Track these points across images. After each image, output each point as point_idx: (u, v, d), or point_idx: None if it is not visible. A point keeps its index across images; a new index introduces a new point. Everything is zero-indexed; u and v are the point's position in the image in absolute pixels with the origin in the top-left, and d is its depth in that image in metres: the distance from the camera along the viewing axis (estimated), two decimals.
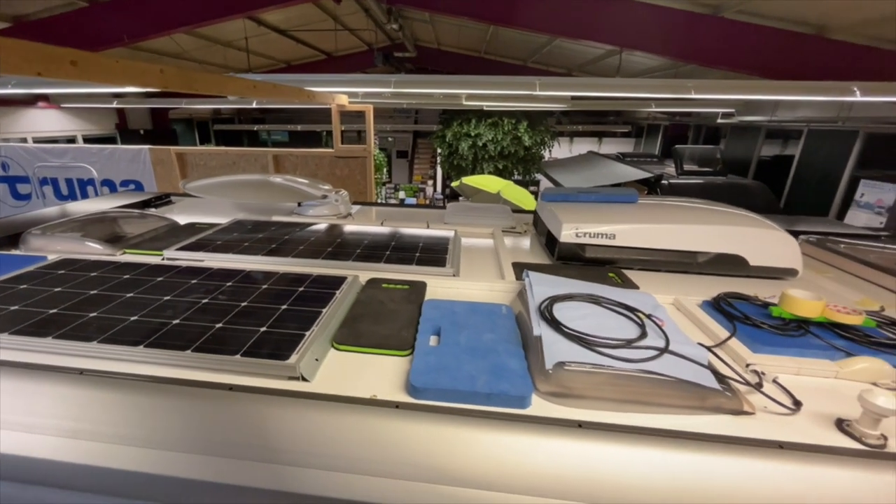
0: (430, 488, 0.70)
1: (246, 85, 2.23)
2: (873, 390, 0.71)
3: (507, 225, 2.11)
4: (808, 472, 0.67)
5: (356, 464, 0.72)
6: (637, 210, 1.64)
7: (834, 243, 1.81)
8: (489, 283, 1.35)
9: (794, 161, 8.05)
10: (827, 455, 0.69)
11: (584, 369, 0.81)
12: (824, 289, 1.41)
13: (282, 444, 0.75)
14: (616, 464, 0.69)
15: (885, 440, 0.72)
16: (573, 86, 4.25)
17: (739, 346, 0.98)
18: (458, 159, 10.50)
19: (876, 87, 3.57)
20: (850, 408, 0.78)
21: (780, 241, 1.44)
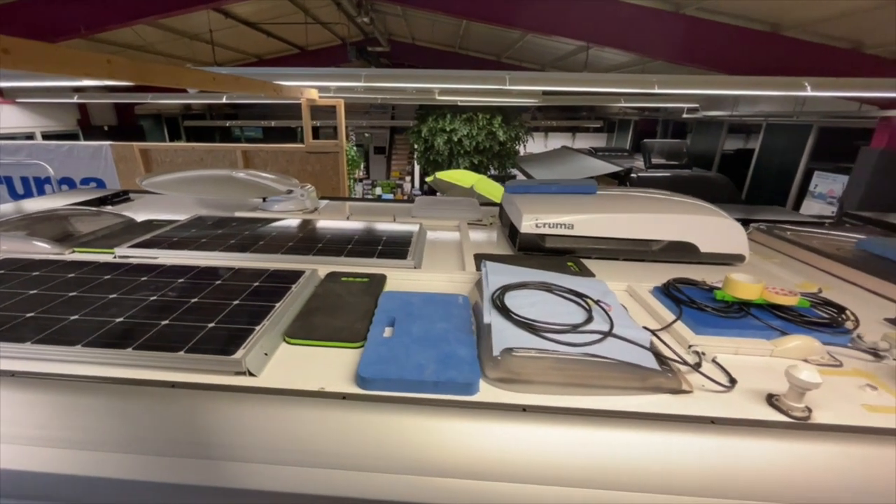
0: (376, 477, 0.69)
1: (204, 77, 2.15)
2: (798, 365, 0.74)
3: (474, 218, 2.11)
4: (738, 445, 0.70)
5: (302, 456, 0.71)
6: (595, 201, 1.66)
7: (781, 231, 1.88)
8: (449, 275, 1.34)
9: (755, 154, 8.35)
10: (755, 428, 0.71)
11: (530, 355, 0.82)
12: (769, 273, 1.47)
13: (226, 439, 0.73)
14: (559, 445, 0.70)
15: (809, 412, 0.75)
16: (542, 80, 4.28)
17: (684, 328, 1.01)
18: (434, 154, 10.47)
19: (825, 83, 3.72)
20: (782, 383, 0.81)
21: (729, 228, 1.48)
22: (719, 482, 0.67)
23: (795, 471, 0.68)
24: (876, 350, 0.94)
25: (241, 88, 2.53)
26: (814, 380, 0.72)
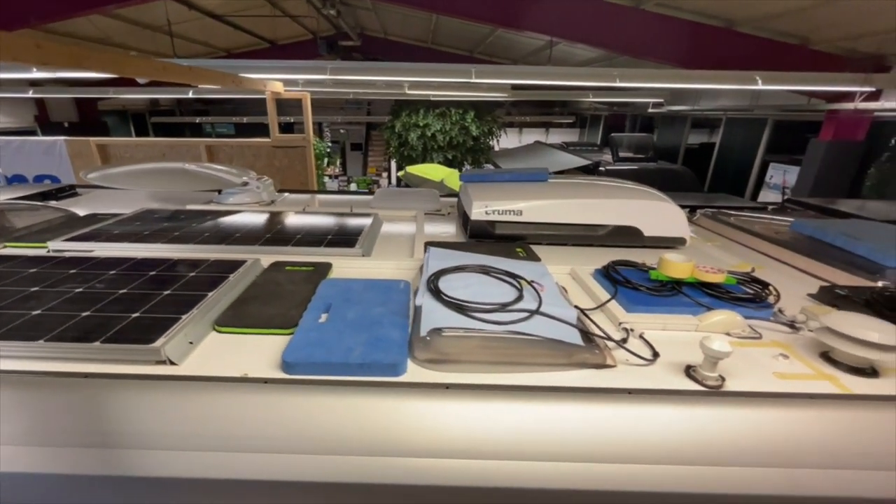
0: (297, 459, 0.68)
1: (153, 67, 2.06)
2: (711, 336, 0.76)
3: (433, 208, 2.10)
4: (652, 414, 0.71)
5: (223, 442, 0.69)
6: (545, 188, 1.67)
7: (725, 216, 1.94)
8: (397, 262, 1.33)
9: (716, 148, 8.61)
10: (669, 396, 0.73)
11: (457, 334, 0.82)
12: (707, 255, 1.51)
13: (142, 429, 0.70)
14: (479, 420, 0.70)
15: (722, 381, 0.77)
16: (506, 73, 4.29)
17: (617, 307, 1.02)
18: (409, 150, 10.38)
19: (775, 77, 3.86)
20: (701, 355, 0.83)
21: (670, 212, 1.52)
22: (633, 449, 0.68)
23: (706, 435, 0.69)
24: (793, 322, 0.98)
25: (197, 79, 2.44)
26: (724, 349, 0.74)
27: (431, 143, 10.14)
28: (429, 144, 10.18)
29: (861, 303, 1.06)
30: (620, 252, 1.50)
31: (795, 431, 0.69)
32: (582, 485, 0.64)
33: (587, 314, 0.98)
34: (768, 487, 0.64)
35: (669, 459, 0.67)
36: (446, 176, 5.45)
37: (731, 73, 3.95)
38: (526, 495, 0.64)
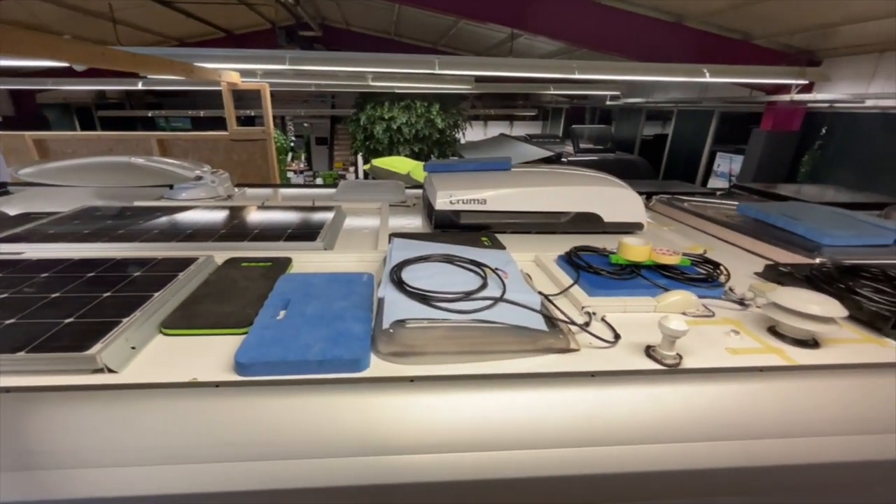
0: (254, 466, 0.63)
1: (90, 52, 1.88)
2: (669, 316, 0.76)
3: (398, 200, 2.05)
4: (615, 395, 0.70)
5: (170, 454, 0.63)
6: (508, 177, 1.66)
7: (679, 201, 1.99)
8: (360, 255, 1.28)
9: (669, 138, 8.93)
10: (630, 377, 0.73)
11: (421, 325, 0.79)
12: (664, 238, 1.54)
13: (76, 446, 0.63)
14: (446, 412, 0.67)
15: (679, 359, 0.78)
16: (470, 64, 4.25)
17: (580, 291, 1.02)
18: (375, 143, 10.19)
19: (720, 70, 4.01)
20: (660, 336, 0.83)
21: (629, 198, 1.54)
22: (598, 431, 0.67)
23: (666, 413, 0.70)
24: (743, 300, 1.01)
25: (143, 67, 2.26)
26: (681, 328, 0.74)
27: (397, 136, 9.98)
28: (395, 137, 10.02)
29: (802, 279, 1.11)
30: (582, 238, 1.50)
31: (748, 404, 0.71)
32: (551, 471, 0.62)
33: (551, 300, 0.98)
34: (726, 460, 0.65)
35: (633, 439, 0.66)
36: (412, 168, 5.37)
37: (682, 67, 4.08)
38: (496, 486, 0.63)
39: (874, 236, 1.36)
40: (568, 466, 0.63)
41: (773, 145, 5.88)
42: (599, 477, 0.63)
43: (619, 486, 0.65)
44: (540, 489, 0.63)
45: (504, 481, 0.62)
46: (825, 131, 5.56)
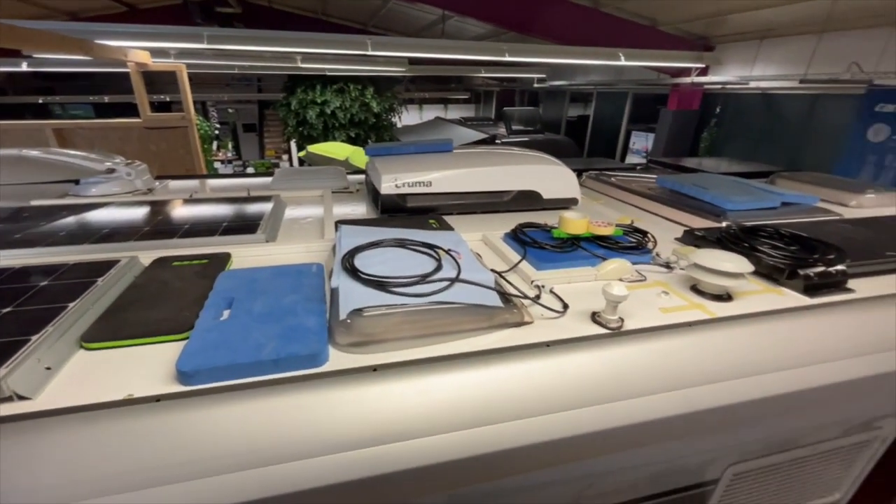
0: (207, 483, 0.57)
1: None
2: (611, 283, 0.79)
3: (340, 186, 1.95)
4: (568, 361, 0.73)
5: (105, 483, 0.55)
6: (451, 158, 1.63)
7: (607, 177, 2.10)
8: (306, 245, 1.20)
9: (590, 119, 9.39)
10: (581, 343, 0.76)
11: (380, 312, 0.75)
12: (596, 212, 1.62)
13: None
14: (412, 397, 0.66)
15: (621, 322, 0.82)
16: (403, 46, 4.11)
17: (528, 266, 1.04)
18: (308, 129, 9.61)
19: (634, 54, 4.24)
20: (603, 301, 0.87)
21: (564, 175, 1.59)
22: (558, 397, 0.69)
23: (614, 372, 0.74)
24: (668, 263, 1.09)
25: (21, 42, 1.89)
26: (622, 294, 0.78)
27: (332, 120, 9.49)
28: (329, 122, 9.52)
29: (714, 241, 1.21)
30: (524, 215, 1.53)
31: (681, 356, 0.76)
32: (516, 442, 0.63)
33: (503, 276, 0.98)
34: (668, 409, 0.70)
35: (587, 401, 0.69)
36: (351, 154, 5.15)
37: (600, 50, 4.25)
38: (470, 463, 0.62)
39: (766, 200, 1.52)
40: (535, 434, 0.64)
41: (678, 123, 6.41)
42: (564, 440, 0.65)
43: (581, 446, 0.67)
44: (512, 460, 0.64)
45: (477, 458, 0.62)
46: (719, 110, 6.15)
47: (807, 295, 0.94)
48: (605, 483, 0.73)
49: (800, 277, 0.96)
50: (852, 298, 0.93)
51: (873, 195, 1.70)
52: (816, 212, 1.53)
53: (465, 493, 0.65)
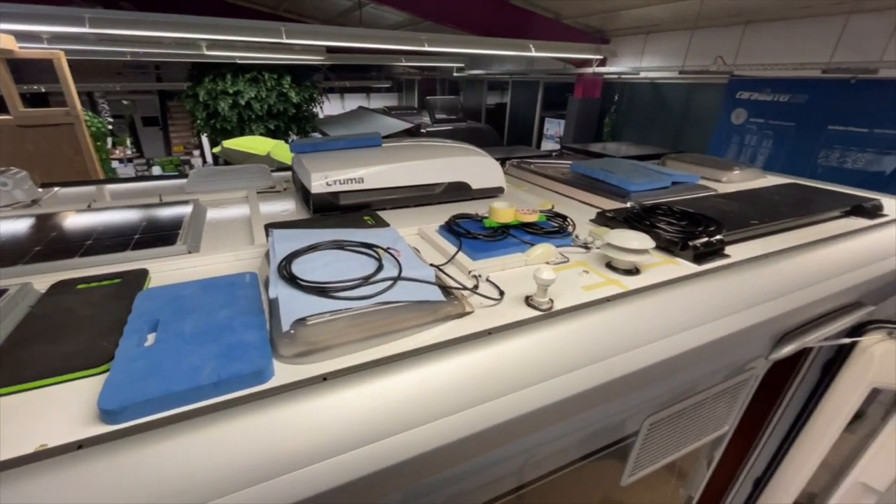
0: None
1: None
2: (541, 267, 0.84)
3: (265, 185, 1.81)
4: (508, 346, 0.76)
5: None
6: (381, 153, 1.59)
7: (527, 164, 2.19)
8: (235, 253, 1.11)
9: (508, 107, 9.69)
10: (519, 327, 0.80)
11: (324, 319, 0.73)
12: (521, 199, 1.69)
13: None
14: (366, 401, 0.65)
15: (552, 303, 0.88)
16: (320, 34, 3.86)
17: (464, 257, 1.06)
18: (221, 122, 8.71)
19: (542, 45, 4.43)
20: (533, 285, 0.92)
21: (490, 165, 1.63)
22: (502, 381, 0.72)
23: (549, 351, 0.78)
24: (586, 244, 1.18)
25: None
26: (551, 277, 0.83)
27: (247, 112, 8.69)
28: (244, 114, 8.71)
29: (622, 220, 1.34)
30: (455, 206, 1.56)
31: (603, 328, 0.84)
32: (470, 430, 0.66)
33: (441, 269, 1.00)
34: (598, 378, 0.77)
35: (529, 381, 0.73)
36: (273, 148, 4.80)
37: (512, 41, 4.38)
38: (423, 459, 0.63)
39: (660, 181, 1.70)
40: (486, 420, 0.67)
41: (584, 110, 6.87)
42: (512, 421, 0.69)
43: (527, 424, 0.72)
44: (466, 447, 0.66)
45: (433, 451, 0.63)
46: (617, 98, 6.69)
47: (696, 263, 1.08)
48: (545, 452, 0.79)
49: (689, 248, 1.10)
50: (729, 263, 1.09)
51: (738, 171, 1.98)
52: (698, 189, 1.75)
53: (421, 484, 0.67)
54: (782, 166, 4.74)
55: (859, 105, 4.15)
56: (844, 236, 1.32)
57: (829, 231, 1.35)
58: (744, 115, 5.16)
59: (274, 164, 4.49)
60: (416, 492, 0.67)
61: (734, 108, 5.23)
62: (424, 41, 4.14)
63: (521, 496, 0.83)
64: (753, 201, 1.58)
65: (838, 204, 1.54)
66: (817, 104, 4.49)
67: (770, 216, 1.38)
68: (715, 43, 5.19)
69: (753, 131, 5.07)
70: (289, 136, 9.21)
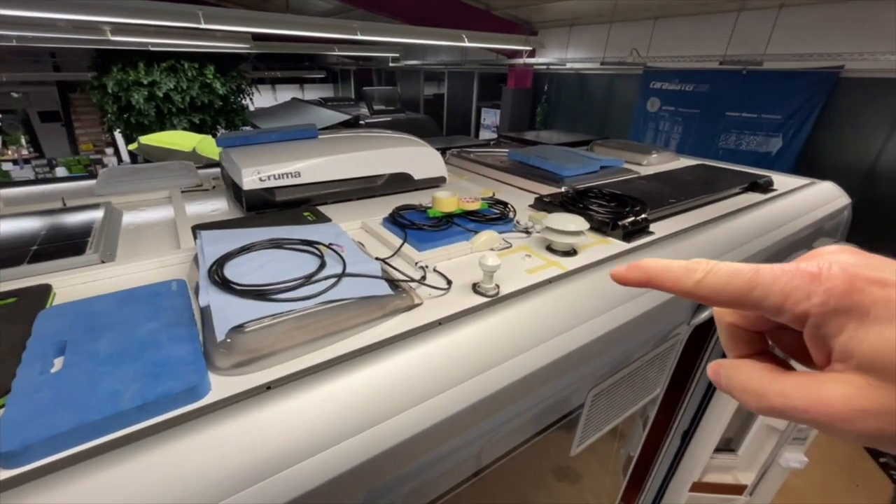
0: None
1: None
2: (486, 254, 0.84)
3: (190, 183, 1.64)
4: (458, 335, 0.76)
5: None
6: (319, 145, 1.50)
7: (467, 153, 2.20)
8: (159, 259, 0.99)
9: (445, 98, 9.66)
10: (468, 315, 0.79)
11: (265, 324, 0.67)
12: (463, 188, 1.69)
13: None
14: (315, 405, 0.61)
15: (498, 288, 0.89)
16: (244, 19, 3.54)
17: (410, 249, 1.03)
18: (137, 116, 7.75)
19: (475, 36, 4.44)
20: (480, 273, 0.92)
21: (431, 155, 1.61)
22: (456, 369, 0.71)
23: (499, 335, 0.79)
24: (527, 229, 1.21)
25: None
26: (496, 263, 0.84)
27: (167, 105, 7.81)
28: (164, 107, 7.81)
29: (558, 204, 1.39)
30: (398, 198, 1.52)
31: (547, 309, 0.87)
32: (427, 424, 0.64)
33: (388, 262, 0.97)
34: (547, 357, 0.79)
35: (481, 368, 0.73)
36: (198, 143, 4.37)
37: (445, 31, 4.34)
38: (381, 459, 0.61)
39: (590, 166, 1.79)
40: (442, 411, 0.66)
41: (517, 100, 7.04)
42: (468, 409, 0.69)
43: (483, 410, 0.72)
44: (424, 443, 0.65)
45: (389, 451, 0.61)
46: (547, 88, 6.93)
47: (625, 241, 1.15)
48: (500, 434, 0.81)
49: (619, 228, 1.16)
50: (654, 239, 1.18)
51: (656, 155, 2.14)
52: (623, 172, 1.87)
53: (381, 484, 0.65)
54: (690, 149, 5.22)
55: (749, 93, 4.67)
56: (745, 210, 1.48)
57: (733, 206, 1.50)
58: (657, 104, 5.59)
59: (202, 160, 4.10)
60: (376, 492, 0.65)
61: (649, 97, 5.64)
62: (357, 29, 3.96)
63: (479, 479, 0.84)
64: (670, 182, 1.71)
65: (738, 181, 1.73)
66: (716, 93, 4.98)
67: (685, 195, 1.51)
68: (630, 36, 5.54)
69: (666, 118, 5.53)
70: (217, 131, 8.44)
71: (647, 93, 5.64)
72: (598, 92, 6.32)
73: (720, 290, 0.24)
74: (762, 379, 0.25)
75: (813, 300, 0.22)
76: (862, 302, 0.21)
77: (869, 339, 0.21)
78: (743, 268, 0.24)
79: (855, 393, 0.21)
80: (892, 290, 0.21)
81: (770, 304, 0.23)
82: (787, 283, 0.22)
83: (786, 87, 4.35)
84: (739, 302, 0.24)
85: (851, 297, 0.21)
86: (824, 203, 1.75)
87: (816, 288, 0.22)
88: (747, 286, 0.23)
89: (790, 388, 0.23)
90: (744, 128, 4.79)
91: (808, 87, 4.19)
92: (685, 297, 0.26)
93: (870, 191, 3.92)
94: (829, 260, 0.23)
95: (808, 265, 0.23)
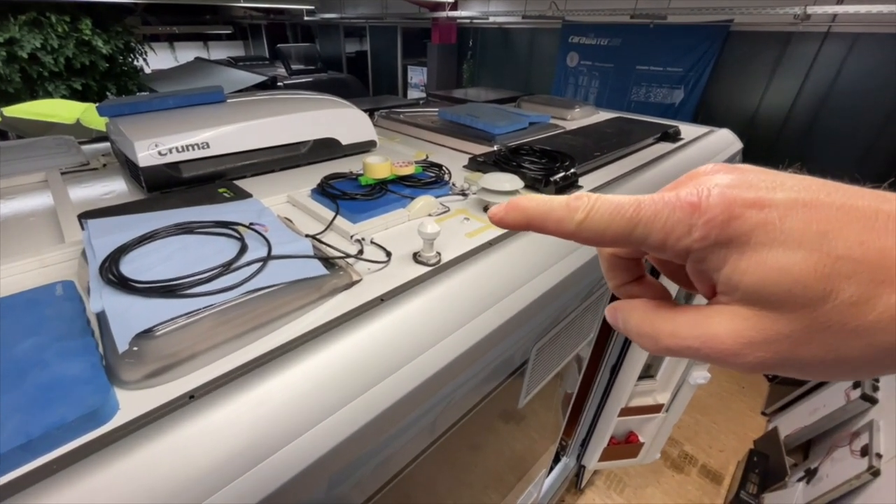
0: None
1: None
2: (424, 221, 0.79)
3: (73, 162, 1.34)
4: (403, 310, 0.71)
5: None
6: (229, 110, 1.29)
7: (396, 114, 2.05)
8: (38, 258, 0.80)
9: (368, 55, 8.95)
10: (411, 288, 0.75)
11: (177, 325, 0.57)
12: (395, 151, 1.58)
13: None
14: (251, 408, 0.53)
15: (439, 256, 0.84)
16: None
17: (344, 221, 0.95)
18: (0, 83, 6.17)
19: None
20: (420, 241, 0.87)
21: (358, 118, 1.46)
22: (404, 347, 0.67)
23: (444, 305, 0.76)
24: (463, 191, 1.16)
25: None
26: (435, 230, 0.79)
27: (35, 69, 6.28)
28: (31, 71, 6.28)
29: (492, 164, 1.35)
30: (326, 166, 1.38)
31: (490, 273, 0.85)
32: (379, 409, 0.60)
33: (320, 239, 0.87)
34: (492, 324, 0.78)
35: (430, 342, 0.70)
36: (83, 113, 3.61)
37: None
38: (334, 454, 0.56)
39: (519, 123, 1.76)
40: (393, 394, 0.62)
41: (442, 57, 6.73)
42: (422, 385, 0.66)
43: (436, 383, 0.69)
44: (377, 428, 0.61)
45: (342, 444, 0.57)
46: (472, 44, 6.68)
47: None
48: (454, 399, 0.80)
49: (552, 184, 1.16)
50: None
51: (579, 109, 2.17)
52: (550, 128, 1.87)
53: (337, 474, 0.61)
54: (607, 102, 5.44)
55: (656, 47, 4.89)
56: (659, 159, 1.56)
57: (648, 156, 1.58)
58: (576, 58, 5.67)
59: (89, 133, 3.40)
60: (333, 482, 0.61)
61: (568, 51, 5.69)
62: None
63: (436, 447, 0.84)
64: (593, 136, 1.75)
65: (651, 132, 1.81)
66: (628, 47, 5.15)
67: (607, 147, 1.55)
68: None
69: (584, 72, 5.64)
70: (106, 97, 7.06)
71: (566, 48, 5.67)
72: (522, 47, 6.23)
73: (602, 233, 0.22)
74: (654, 320, 0.23)
75: (693, 234, 0.20)
76: (741, 230, 0.19)
77: (750, 271, 0.19)
78: (624, 202, 0.21)
79: (742, 325, 0.20)
80: (770, 211, 0.19)
81: (652, 243, 0.21)
82: (668, 218, 0.20)
83: (686, 40, 4.61)
84: (623, 243, 0.22)
85: (731, 225, 0.19)
86: (724, 148, 1.92)
87: (696, 220, 0.20)
88: (629, 224, 0.21)
89: (680, 326, 0.22)
90: (651, 81, 5.06)
91: (704, 40, 4.48)
92: (569, 239, 0.23)
93: (754, 135, 4.42)
94: (707, 185, 0.21)
95: (688, 193, 0.21)
